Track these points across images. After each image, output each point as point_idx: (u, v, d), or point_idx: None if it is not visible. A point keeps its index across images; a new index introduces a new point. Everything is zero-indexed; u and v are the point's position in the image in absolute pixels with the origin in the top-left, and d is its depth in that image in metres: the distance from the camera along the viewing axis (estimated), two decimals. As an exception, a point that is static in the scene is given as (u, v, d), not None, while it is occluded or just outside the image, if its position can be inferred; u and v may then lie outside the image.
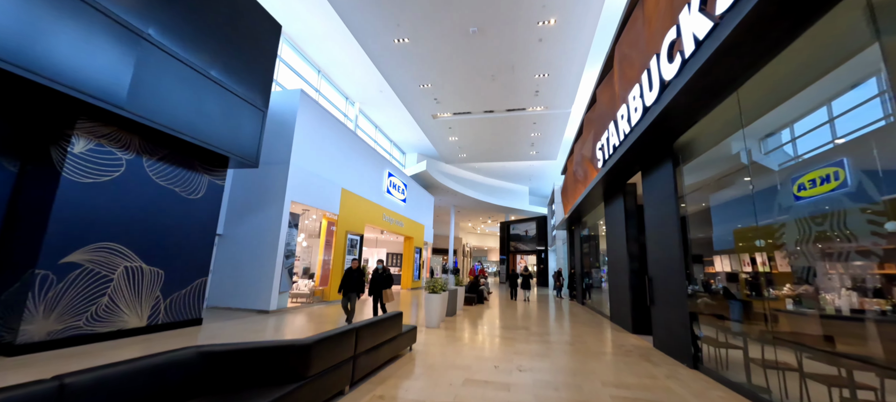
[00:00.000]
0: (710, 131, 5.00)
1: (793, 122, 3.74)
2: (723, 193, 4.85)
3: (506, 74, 12.71)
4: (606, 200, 10.31)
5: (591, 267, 13.91)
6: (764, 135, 4.07)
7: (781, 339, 3.60)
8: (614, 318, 9.38)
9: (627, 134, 6.18)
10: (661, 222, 6.09)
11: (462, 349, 5.79)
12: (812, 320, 3.30)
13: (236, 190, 9.78)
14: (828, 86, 3.26)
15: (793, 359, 3.45)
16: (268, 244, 9.09)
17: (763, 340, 3.88)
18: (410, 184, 19.74)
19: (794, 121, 3.72)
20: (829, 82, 3.24)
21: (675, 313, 5.60)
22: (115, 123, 5.43)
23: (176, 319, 6.48)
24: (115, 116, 5.18)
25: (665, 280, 5.99)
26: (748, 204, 4.12)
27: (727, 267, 4.78)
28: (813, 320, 3.29)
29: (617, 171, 7.66)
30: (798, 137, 3.70)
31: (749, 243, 4.21)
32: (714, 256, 4.95)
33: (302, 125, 10.10)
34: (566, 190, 15.70)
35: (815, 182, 3.22)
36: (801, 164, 3.50)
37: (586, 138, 10.95)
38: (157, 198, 6.18)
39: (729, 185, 4.69)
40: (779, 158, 3.91)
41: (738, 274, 4.45)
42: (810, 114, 3.49)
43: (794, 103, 3.63)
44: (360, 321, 4.04)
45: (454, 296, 9.83)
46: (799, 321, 3.47)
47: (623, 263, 8.60)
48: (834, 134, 3.22)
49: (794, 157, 3.69)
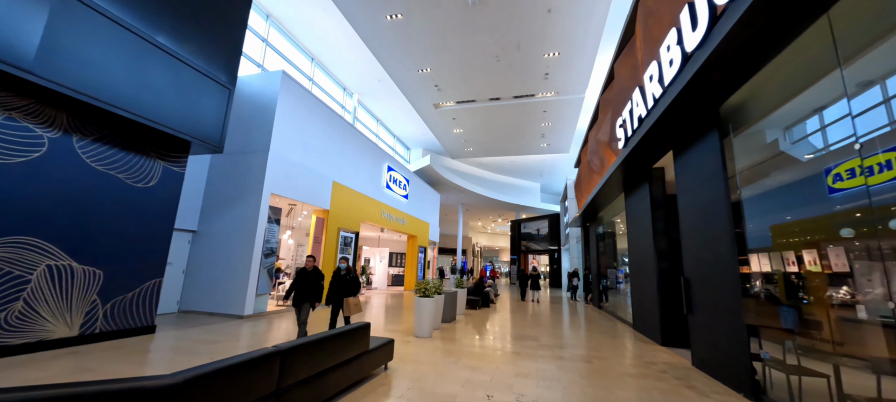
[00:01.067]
0: (779, 83, 3.73)
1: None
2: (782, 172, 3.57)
3: (511, 53, 11.51)
4: (627, 189, 9.00)
5: (607, 267, 12.57)
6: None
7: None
8: (638, 326, 8.08)
9: (658, 98, 4.94)
10: (704, 209, 4.82)
11: (452, 368, 4.66)
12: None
13: (213, 182, 8.90)
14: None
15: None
16: (244, 242, 8.16)
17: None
18: (413, 180, 18.70)
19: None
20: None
21: (725, 324, 4.33)
22: (30, 93, 4.51)
23: (120, 327, 5.56)
24: (26, 85, 4.26)
25: (708, 283, 4.72)
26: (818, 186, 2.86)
27: (791, 268, 3.50)
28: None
29: (641, 151, 6.39)
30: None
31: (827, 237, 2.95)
32: (756, 253, 3.68)
33: (284, 110, 9.15)
34: (580, 183, 14.38)
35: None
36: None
37: (603, 122, 9.68)
38: (93, 185, 5.26)
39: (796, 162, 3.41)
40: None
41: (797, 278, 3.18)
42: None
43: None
44: (296, 340, 2.97)
45: (453, 299, 8.70)
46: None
47: (648, 262, 7.31)
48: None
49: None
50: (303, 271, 5.41)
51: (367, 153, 13.76)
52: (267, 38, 11.56)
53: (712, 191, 4.58)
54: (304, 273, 5.41)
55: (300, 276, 5.37)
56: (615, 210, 10.77)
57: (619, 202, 10.03)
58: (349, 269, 5.73)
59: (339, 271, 5.75)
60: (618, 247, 11.16)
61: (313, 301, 5.32)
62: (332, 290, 5.63)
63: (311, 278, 5.36)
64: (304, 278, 5.37)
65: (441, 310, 7.60)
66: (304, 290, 5.29)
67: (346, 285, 5.60)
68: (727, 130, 4.46)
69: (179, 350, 5.08)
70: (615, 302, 11.30)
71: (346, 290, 5.58)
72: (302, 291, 5.30)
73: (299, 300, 5.30)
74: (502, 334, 7.34)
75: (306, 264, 5.49)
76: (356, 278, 5.67)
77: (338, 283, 5.65)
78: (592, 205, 12.04)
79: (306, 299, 5.28)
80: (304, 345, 2.95)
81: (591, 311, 12.21)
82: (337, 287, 5.63)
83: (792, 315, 3.57)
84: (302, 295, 5.30)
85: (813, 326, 3.37)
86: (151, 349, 5.05)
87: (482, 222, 38.37)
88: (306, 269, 5.43)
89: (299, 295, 5.31)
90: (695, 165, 5.07)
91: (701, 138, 4.87)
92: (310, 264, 5.49)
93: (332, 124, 11.30)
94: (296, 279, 5.36)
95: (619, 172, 8.01)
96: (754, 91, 4.07)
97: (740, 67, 3.81)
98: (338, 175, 11.53)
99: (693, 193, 5.14)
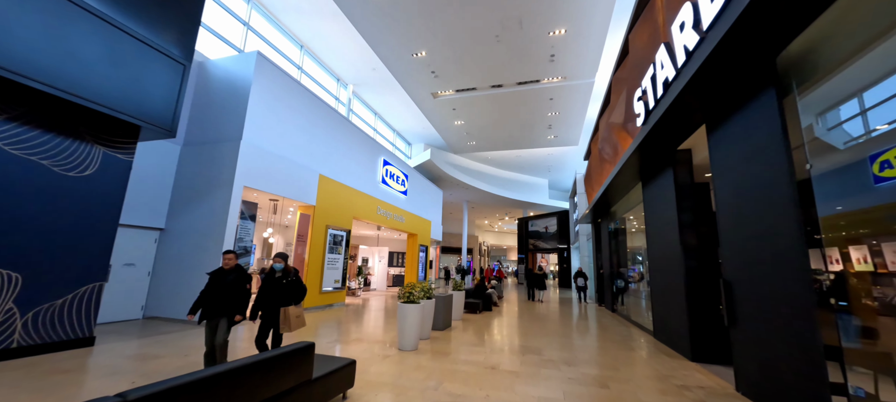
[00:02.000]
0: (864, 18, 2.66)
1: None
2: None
3: (513, 32, 10.46)
4: (645, 178, 7.90)
5: (619, 266, 11.44)
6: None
7: None
8: (660, 335, 6.99)
9: (693, 50, 3.87)
10: (752, 193, 3.75)
11: (430, 397, 3.68)
12: None
13: (183, 175, 8.08)
14: None
15: None
16: (211, 241, 7.31)
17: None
18: (413, 175, 17.77)
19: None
20: None
21: (788, 343, 3.27)
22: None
23: (47, 339, 4.72)
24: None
25: (761, 287, 3.65)
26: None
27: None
28: None
29: (665, 128, 5.31)
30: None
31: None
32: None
33: (260, 95, 8.29)
34: (590, 176, 13.26)
35: None
36: None
37: (616, 104, 8.58)
38: (6, 173, 4.43)
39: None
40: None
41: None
42: None
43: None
44: (180, 377, 2.03)
45: (447, 304, 7.72)
46: None
47: (673, 261, 6.23)
48: None
49: None
50: (218, 274, 3.94)
51: (359, 146, 12.86)
52: (249, 22, 10.73)
53: (766, 168, 3.51)
54: (220, 276, 3.91)
55: (214, 280, 3.90)
56: (631, 203, 9.65)
57: (636, 194, 8.91)
58: (287, 269, 4.23)
59: (273, 273, 4.17)
60: (634, 244, 10.04)
61: (231, 315, 3.83)
62: (262, 298, 4.09)
63: (231, 281, 3.89)
64: (218, 283, 3.86)
65: (431, 316, 6.63)
66: (218, 299, 3.81)
67: (284, 292, 4.10)
68: (789, 86, 3.39)
69: (102, 370, 4.21)
70: (630, 305, 10.18)
71: (283, 298, 4.08)
72: (214, 300, 3.80)
73: (210, 314, 3.78)
74: (501, 345, 6.33)
75: (224, 263, 3.99)
76: (298, 282, 4.26)
77: (271, 289, 4.09)
78: (604, 198, 10.93)
79: (220, 313, 3.80)
80: (187, 385, 2.00)
81: (603, 315, 11.10)
82: (270, 294, 4.07)
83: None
84: (214, 306, 3.79)
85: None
86: (69, 369, 4.19)
87: (488, 221, 37.31)
88: (223, 269, 3.96)
89: (210, 307, 3.79)
90: (739, 137, 3.99)
91: (749, 101, 3.79)
92: (229, 263, 3.99)
93: (317, 113, 10.42)
94: (208, 284, 3.90)
95: (636, 157, 6.93)
96: (830, 30, 2.99)
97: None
98: (325, 168, 10.65)
99: (736, 174, 4.07)
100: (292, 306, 4.03)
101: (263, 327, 4.06)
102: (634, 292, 9.93)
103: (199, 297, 3.88)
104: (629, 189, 9.35)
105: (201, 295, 3.88)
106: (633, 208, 9.37)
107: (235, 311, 3.87)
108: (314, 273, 9.90)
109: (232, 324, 3.87)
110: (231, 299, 3.86)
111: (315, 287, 9.93)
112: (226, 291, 3.86)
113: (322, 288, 10.16)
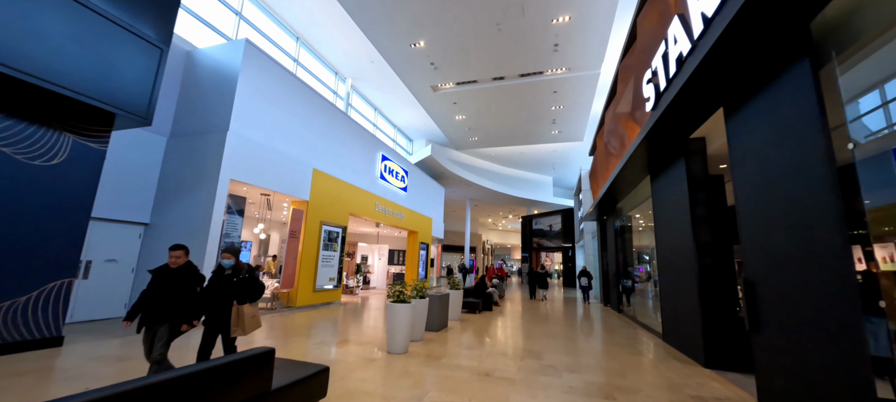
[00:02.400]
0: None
1: None
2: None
3: (514, 19, 10.00)
4: (654, 171, 7.42)
5: (626, 265, 10.96)
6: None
7: None
8: (670, 338, 6.53)
9: (712, 16, 3.40)
10: (782, 177, 3.29)
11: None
12: None
13: (169, 167, 7.77)
14: None
15: None
16: (196, 236, 6.98)
17: None
18: (414, 172, 17.39)
19: None
20: None
21: (828, 353, 2.81)
22: None
23: (9, 339, 4.41)
24: None
25: (789, 286, 3.20)
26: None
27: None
28: None
29: (678, 113, 4.85)
30: None
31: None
32: None
33: (248, 84, 7.95)
34: (595, 172, 12.76)
35: None
36: None
37: (623, 93, 8.11)
38: (-39, 160, 4.12)
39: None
40: None
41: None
42: None
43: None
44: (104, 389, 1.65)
45: (443, 304, 7.33)
46: None
47: (684, 258, 5.77)
48: None
49: None
50: (162, 272, 3.35)
51: (356, 140, 12.50)
52: (241, 12, 10.40)
53: (798, 151, 3.05)
54: (165, 275, 3.34)
55: (157, 280, 3.31)
56: (638, 198, 9.17)
57: (644, 188, 8.43)
58: (239, 266, 3.57)
59: (222, 271, 3.53)
60: (641, 242, 9.56)
61: (177, 320, 3.26)
62: (210, 298, 3.45)
63: (180, 281, 3.34)
64: (162, 283, 3.29)
65: (425, 317, 6.24)
66: (160, 303, 3.23)
67: (235, 293, 3.46)
68: (827, 55, 2.92)
69: (60, 373, 3.88)
70: (637, 306, 9.70)
71: (239, 293, 3.46)
72: (156, 303, 3.23)
73: (151, 320, 3.21)
74: (498, 348, 5.92)
75: (170, 260, 3.38)
76: (254, 280, 3.56)
77: (220, 288, 3.46)
78: (610, 194, 10.44)
79: (163, 319, 3.22)
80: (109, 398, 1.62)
81: (609, 315, 10.63)
82: (219, 294, 3.44)
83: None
84: (154, 311, 3.22)
85: None
86: (24, 372, 3.86)
87: (492, 219, 36.85)
88: (169, 267, 3.38)
89: (151, 311, 3.22)
90: (764, 117, 3.53)
91: (778, 74, 3.32)
92: (176, 261, 3.38)
93: (311, 105, 10.07)
94: (149, 284, 3.32)
95: (644, 147, 6.46)
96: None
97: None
98: (319, 162, 10.30)
99: (759, 160, 3.60)
100: (248, 305, 3.50)
101: (209, 334, 3.42)
102: (641, 292, 9.45)
103: (138, 299, 3.30)
104: (637, 183, 8.86)
105: (141, 297, 3.30)
106: (641, 203, 8.89)
107: (181, 319, 3.28)
108: (308, 271, 9.57)
109: (175, 335, 3.27)
110: (176, 303, 3.28)
111: (308, 286, 9.59)
112: (171, 293, 3.28)
113: (316, 286, 9.82)
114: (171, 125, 8.08)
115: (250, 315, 3.49)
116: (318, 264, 9.89)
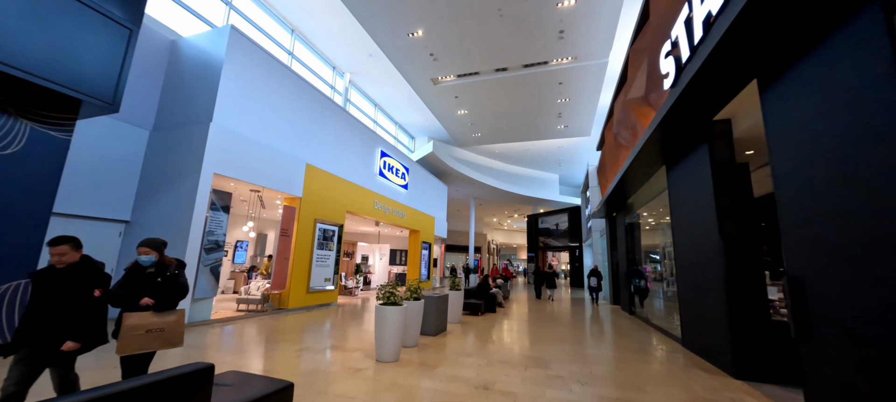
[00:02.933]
0: None
1: None
2: None
3: (517, 3, 9.43)
4: (670, 159, 6.81)
5: (637, 263, 10.33)
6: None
7: None
8: (691, 344, 5.91)
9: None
10: (837, 155, 2.70)
11: (393, 432, 2.75)
12: None
13: (151, 162, 7.35)
14: None
15: None
16: (177, 233, 6.54)
17: None
18: (415, 169, 16.89)
19: None
20: None
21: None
22: None
23: (-47, 348, 3.97)
24: None
25: (851, 287, 2.60)
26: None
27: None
28: None
29: (701, 88, 4.25)
30: None
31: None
32: None
33: (234, 74, 7.50)
34: (604, 166, 12.13)
35: None
36: None
37: (635, 77, 7.51)
38: None
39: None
40: None
41: None
42: None
43: None
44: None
45: (441, 305, 6.79)
46: None
47: (708, 255, 5.16)
48: None
49: None
50: (47, 274, 2.43)
51: (354, 135, 12.02)
52: (231, 1, 9.99)
53: (860, 121, 2.46)
54: (52, 277, 2.42)
55: (40, 283, 2.40)
56: (652, 191, 8.54)
57: (659, 180, 7.81)
58: (165, 262, 2.76)
59: (139, 270, 2.68)
60: (655, 239, 8.92)
61: (60, 339, 2.36)
62: (120, 302, 2.54)
63: (69, 285, 2.43)
64: (49, 291, 2.38)
65: (419, 320, 5.70)
66: (44, 317, 2.35)
67: (158, 292, 2.65)
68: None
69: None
70: (651, 307, 9.07)
71: (157, 299, 2.63)
72: (45, 317, 2.35)
73: (25, 340, 2.30)
74: (500, 355, 5.36)
75: (52, 258, 2.44)
76: (175, 279, 2.75)
77: (137, 289, 2.61)
78: (620, 189, 9.82)
79: (41, 344, 2.32)
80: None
81: (620, 317, 9.99)
82: (133, 296, 2.57)
83: None
84: (35, 329, 2.33)
85: None
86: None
87: (497, 218, 36.22)
88: (54, 267, 2.46)
89: (28, 330, 2.32)
90: (814, 83, 2.93)
91: (834, 30, 2.73)
92: (60, 258, 2.45)
93: (304, 97, 9.60)
94: (31, 298, 2.39)
95: (660, 132, 5.85)
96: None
97: None
98: (313, 157, 9.83)
99: (806, 135, 3.01)
100: (145, 314, 2.55)
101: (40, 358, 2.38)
102: (655, 293, 8.82)
103: (23, 318, 2.38)
104: (650, 175, 8.24)
105: (27, 312, 2.38)
106: (656, 196, 8.26)
107: (68, 336, 2.37)
108: (300, 271, 9.10)
109: (65, 360, 2.43)
110: (66, 315, 2.39)
111: (301, 287, 9.13)
112: (57, 303, 2.38)
113: (310, 288, 9.35)
114: (154, 118, 7.67)
115: (173, 323, 2.66)
116: (311, 263, 9.42)
